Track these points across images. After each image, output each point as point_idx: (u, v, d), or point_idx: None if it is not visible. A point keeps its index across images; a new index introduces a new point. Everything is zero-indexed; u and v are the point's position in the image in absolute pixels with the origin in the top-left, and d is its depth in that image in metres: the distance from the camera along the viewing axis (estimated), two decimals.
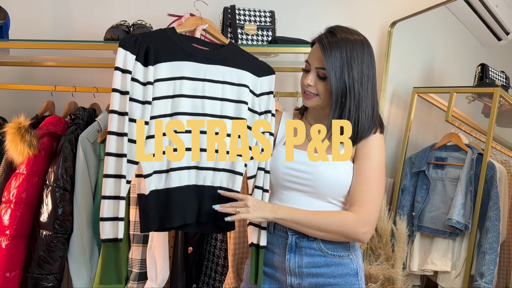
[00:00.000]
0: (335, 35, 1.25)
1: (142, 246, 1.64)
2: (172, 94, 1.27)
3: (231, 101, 1.34)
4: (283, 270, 1.32)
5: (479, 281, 1.88)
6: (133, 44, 1.24)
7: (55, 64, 2.08)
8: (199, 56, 1.31)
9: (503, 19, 2.19)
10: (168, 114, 1.28)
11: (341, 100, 1.25)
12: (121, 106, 1.22)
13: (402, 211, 2.12)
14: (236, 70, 1.35)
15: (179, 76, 1.28)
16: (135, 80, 1.24)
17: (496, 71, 2.12)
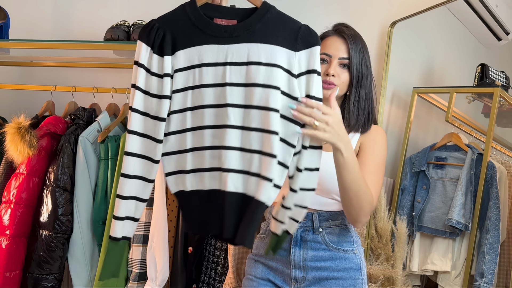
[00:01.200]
0: (350, 28, 1.35)
1: (142, 246, 1.64)
2: (191, 85, 1.11)
3: (258, 85, 1.08)
4: (287, 263, 1.33)
5: (479, 281, 1.88)
6: (148, 33, 1.11)
7: (55, 64, 2.08)
8: (221, 35, 1.10)
9: (503, 19, 2.19)
10: (188, 108, 1.12)
11: (358, 90, 1.32)
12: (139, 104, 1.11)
13: (402, 211, 2.12)
14: (265, 45, 1.09)
15: (198, 63, 1.10)
16: (153, 73, 1.12)
17: (496, 71, 2.12)
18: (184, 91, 1.12)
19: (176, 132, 1.13)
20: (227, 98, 1.08)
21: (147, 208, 1.64)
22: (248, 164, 1.08)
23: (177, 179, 1.14)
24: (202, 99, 1.10)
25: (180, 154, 1.13)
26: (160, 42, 1.11)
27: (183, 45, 1.11)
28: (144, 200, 1.14)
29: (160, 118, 1.11)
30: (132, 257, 1.65)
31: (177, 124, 1.12)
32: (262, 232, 1.43)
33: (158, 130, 1.11)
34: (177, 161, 1.13)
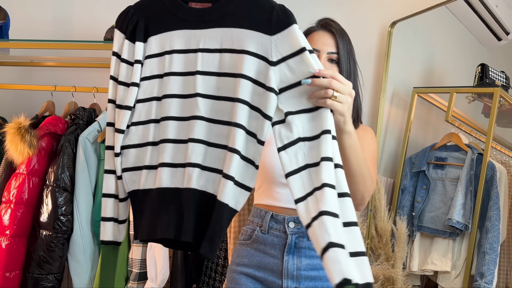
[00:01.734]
0: (336, 23, 1.32)
1: (142, 246, 1.64)
2: (160, 73, 1.02)
3: (229, 75, 0.97)
4: (278, 273, 1.21)
5: (479, 281, 1.88)
6: (122, 20, 1.05)
7: (55, 64, 2.08)
8: (193, 20, 1.00)
9: (503, 19, 2.19)
10: (155, 97, 1.02)
11: None
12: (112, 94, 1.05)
13: (402, 211, 2.12)
14: (238, 30, 0.96)
15: (168, 49, 1.01)
16: (123, 60, 1.05)
17: (496, 71, 2.12)
18: (152, 79, 1.03)
19: (139, 123, 1.03)
20: (197, 87, 0.98)
21: None
22: (214, 160, 0.95)
23: (134, 176, 1.01)
24: (170, 88, 1.00)
25: (140, 148, 1.02)
26: (133, 28, 1.04)
27: (156, 30, 1.03)
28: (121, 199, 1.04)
29: (124, 106, 1.02)
30: (132, 257, 1.65)
31: (140, 114, 1.03)
32: (245, 238, 1.28)
33: (121, 119, 1.01)
34: (136, 155, 1.02)
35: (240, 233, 1.32)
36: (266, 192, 1.28)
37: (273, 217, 1.24)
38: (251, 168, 0.93)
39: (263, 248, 1.23)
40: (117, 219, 1.04)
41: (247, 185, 0.93)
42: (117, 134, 1.02)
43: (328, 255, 0.79)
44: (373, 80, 2.22)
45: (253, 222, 1.28)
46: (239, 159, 0.92)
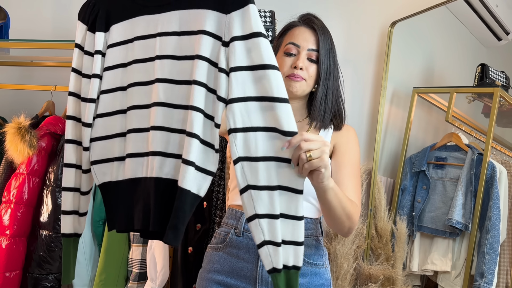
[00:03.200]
0: (319, 20, 1.26)
1: (142, 246, 1.64)
2: (123, 62, 0.99)
3: (187, 58, 0.93)
4: (251, 279, 1.13)
5: (479, 281, 1.88)
6: (84, 12, 1.03)
7: (55, 64, 2.08)
8: (152, 4, 0.97)
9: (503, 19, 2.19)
10: (119, 87, 1.00)
11: (326, 85, 1.21)
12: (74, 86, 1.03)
13: (402, 211, 2.12)
14: (195, 10, 0.92)
15: (130, 37, 0.98)
16: (86, 52, 1.02)
17: (496, 71, 2.12)
18: (115, 68, 1.00)
19: (105, 114, 1.00)
20: (156, 73, 0.94)
21: None
22: (178, 146, 0.91)
23: (103, 169, 0.99)
24: (133, 76, 0.97)
25: (108, 140, 0.99)
26: (94, 19, 1.01)
27: (117, 19, 1.00)
28: (83, 192, 1.03)
29: (88, 99, 1.00)
30: (132, 257, 1.65)
31: (105, 105, 1.00)
32: (217, 242, 1.21)
33: (87, 112, 0.99)
34: (104, 147, 0.99)
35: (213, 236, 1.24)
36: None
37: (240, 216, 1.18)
38: (211, 152, 0.90)
39: (237, 253, 1.16)
40: (78, 211, 1.05)
41: (208, 169, 0.89)
42: (84, 128, 1.00)
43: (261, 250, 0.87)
44: (373, 80, 2.22)
45: (227, 225, 1.21)
46: (198, 144, 0.88)
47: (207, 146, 0.89)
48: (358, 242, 2.01)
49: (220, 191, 1.73)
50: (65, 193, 1.04)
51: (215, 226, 1.73)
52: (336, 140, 1.25)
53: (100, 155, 1.00)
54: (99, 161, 1.00)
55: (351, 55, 2.15)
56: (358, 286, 2.03)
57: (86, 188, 1.04)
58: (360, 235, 2.03)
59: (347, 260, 1.92)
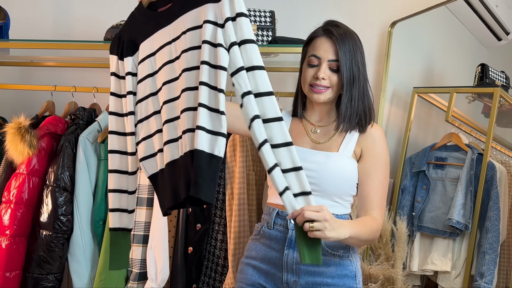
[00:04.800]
0: (339, 27, 1.30)
1: (142, 246, 1.64)
2: (151, 72, 1.19)
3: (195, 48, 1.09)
4: (279, 266, 1.28)
5: (479, 281, 1.88)
6: (113, 45, 1.26)
7: (55, 64, 2.08)
8: (162, 20, 1.16)
9: (503, 19, 2.19)
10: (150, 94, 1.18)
11: (351, 90, 1.28)
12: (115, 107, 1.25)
13: (402, 211, 2.12)
14: (195, 10, 1.10)
15: (151, 52, 1.18)
16: (121, 77, 1.25)
17: (496, 71, 2.12)
18: (144, 79, 1.19)
19: (143, 119, 1.19)
20: (181, 66, 1.10)
21: (147, 208, 1.64)
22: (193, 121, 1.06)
23: (151, 163, 1.18)
24: (161, 79, 1.15)
25: (149, 139, 1.17)
26: (121, 49, 1.23)
27: (139, 41, 1.21)
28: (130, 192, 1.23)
29: (128, 113, 1.20)
30: (132, 257, 1.65)
31: (142, 112, 1.19)
32: (255, 234, 1.38)
33: (129, 124, 1.20)
34: (148, 145, 1.18)
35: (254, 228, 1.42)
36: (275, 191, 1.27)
37: (278, 214, 1.32)
38: (218, 115, 1.04)
39: (269, 243, 1.32)
40: (127, 209, 1.23)
41: (218, 131, 1.03)
42: (129, 137, 1.21)
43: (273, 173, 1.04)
44: (373, 80, 2.22)
45: (263, 219, 1.37)
46: (206, 111, 1.03)
47: (213, 112, 1.04)
48: None
49: (220, 191, 1.73)
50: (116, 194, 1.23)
51: (215, 226, 1.73)
52: (362, 144, 1.31)
53: (145, 153, 1.18)
54: (146, 157, 1.18)
55: None
56: None
57: (132, 189, 1.24)
58: None
59: None
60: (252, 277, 1.32)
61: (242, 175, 1.65)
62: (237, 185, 1.65)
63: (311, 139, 1.35)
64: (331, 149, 1.31)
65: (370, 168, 1.28)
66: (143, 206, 1.64)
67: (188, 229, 1.67)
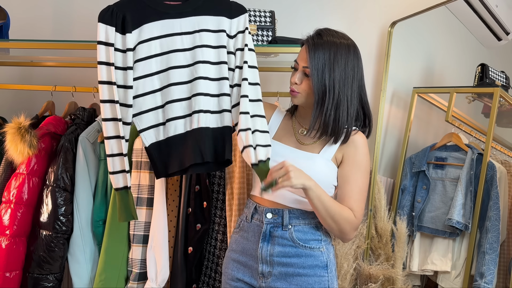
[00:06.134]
0: (322, 37, 1.32)
1: (142, 246, 1.64)
2: (156, 53, 1.37)
3: (211, 47, 1.41)
4: (256, 258, 1.37)
5: (479, 281, 1.88)
6: (110, 16, 1.34)
7: (55, 64, 2.08)
8: (172, 12, 1.39)
9: (503, 19, 2.19)
10: (154, 72, 1.38)
11: (322, 99, 1.31)
12: (108, 76, 1.33)
13: (402, 211, 2.12)
14: (210, 17, 1.42)
15: (157, 35, 1.37)
16: (117, 49, 1.34)
17: (496, 71, 2.12)
18: (148, 59, 1.37)
19: (144, 94, 1.38)
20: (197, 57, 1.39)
21: (147, 208, 1.64)
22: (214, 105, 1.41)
23: (150, 133, 1.39)
24: (167, 63, 1.38)
25: (154, 111, 1.39)
26: (122, 23, 1.34)
27: (141, 22, 1.36)
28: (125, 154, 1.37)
29: (128, 86, 1.35)
30: (132, 257, 1.65)
31: (144, 87, 1.38)
32: (236, 227, 1.47)
33: (127, 96, 1.35)
34: (151, 117, 1.39)
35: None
36: (256, 186, 1.44)
37: (256, 208, 1.41)
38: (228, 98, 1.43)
39: (246, 236, 1.41)
40: (125, 170, 1.37)
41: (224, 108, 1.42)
42: (127, 109, 1.35)
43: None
44: (373, 80, 2.22)
45: (243, 213, 1.47)
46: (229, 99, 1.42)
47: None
48: (358, 242, 2.01)
49: (220, 191, 1.73)
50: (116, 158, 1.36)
51: (215, 226, 1.73)
52: (344, 150, 1.36)
53: (146, 124, 1.38)
54: (146, 129, 1.39)
55: None
56: (358, 286, 2.03)
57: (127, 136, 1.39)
58: (360, 235, 2.03)
59: (347, 260, 1.92)
60: (233, 271, 1.42)
61: (242, 175, 1.65)
62: (237, 185, 1.65)
63: (297, 139, 1.41)
64: (313, 151, 1.37)
65: (349, 173, 1.34)
66: (143, 206, 1.64)
67: (188, 229, 1.67)
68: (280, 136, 1.44)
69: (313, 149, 1.38)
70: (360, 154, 1.35)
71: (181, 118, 1.39)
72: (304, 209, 1.36)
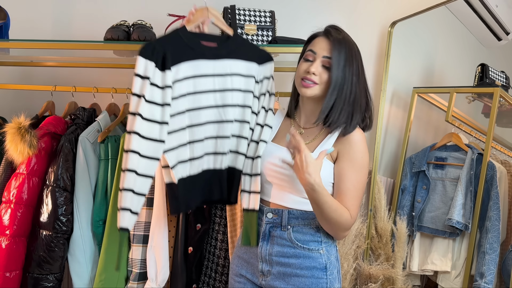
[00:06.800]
0: (340, 32, 1.36)
1: (142, 246, 1.64)
2: (188, 92, 1.39)
3: (240, 91, 1.46)
4: (256, 256, 1.39)
5: (479, 281, 1.88)
6: (151, 52, 1.32)
7: (55, 64, 2.08)
8: (208, 53, 1.42)
9: (503, 19, 2.19)
10: (185, 110, 1.38)
11: (337, 92, 1.32)
12: (137, 107, 1.30)
13: (402, 211, 2.12)
14: (242, 61, 1.47)
15: (192, 75, 1.38)
16: (154, 84, 1.32)
17: (496, 71, 2.12)
18: (183, 97, 1.38)
19: (177, 130, 1.37)
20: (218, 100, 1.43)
21: (147, 208, 1.64)
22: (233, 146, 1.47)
23: (180, 169, 1.38)
24: (199, 102, 1.40)
25: (182, 147, 1.39)
26: (162, 59, 1.33)
27: (180, 60, 1.37)
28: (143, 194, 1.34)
29: (164, 122, 1.32)
30: (132, 257, 1.65)
31: (174, 125, 1.36)
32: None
33: (162, 132, 1.33)
34: (179, 154, 1.38)
35: None
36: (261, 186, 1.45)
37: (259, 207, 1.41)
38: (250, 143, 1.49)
39: None
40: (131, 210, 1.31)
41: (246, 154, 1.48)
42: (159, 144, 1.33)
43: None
44: (373, 80, 2.22)
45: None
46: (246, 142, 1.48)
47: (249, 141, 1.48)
48: (358, 242, 2.01)
49: None
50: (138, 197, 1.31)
51: (215, 226, 1.73)
52: (339, 147, 1.35)
53: (176, 160, 1.38)
54: (175, 165, 1.38)
55: None
56: (358, 286, 2.03)
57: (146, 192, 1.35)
58: (360, 235, 2.03)
59: (347, 260, 1.92)
60: (237, 267, 1.45)
61: None
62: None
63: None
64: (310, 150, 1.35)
65: (343, 170, 1.33)
66: (143, 206, 1.64)
67: (188, 229, 1.67)
68: (278, 139, 1.45)
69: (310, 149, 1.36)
70: (355, 151, 1.34)
71: (207, 156, 1.44)
72: (304, 210, 1.36)
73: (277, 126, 1.48)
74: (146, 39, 1.75)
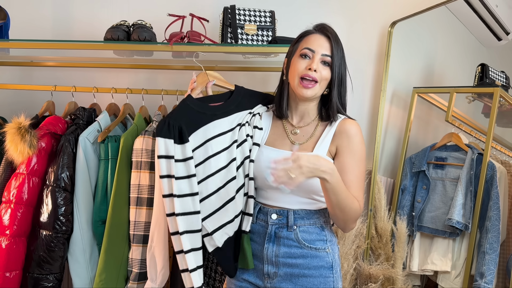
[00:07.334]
0: (332, 29, 1.39)
1: (142, 246, 1.64)
2: (209, 155, 1.40)
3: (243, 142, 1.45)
4: (261, 258, 1.38)
5: (479, 281, 1.88)
6: (167, 130, 1.35)
7: (55, 64, 2.08)
8: (219, 113, 1.46)
9: (503, 19, 2.19)
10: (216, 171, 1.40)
11: (339, 87, 1.37)
12: (170, 189, 1.33)
13: (402, 211, 2.12)
14: (246, 111, 1.51)
15: (209, 137, 1.41)
16: (177, 160, 1.34)
17: (496, 71, 2.12)
18: (204, 162, 1.39)
19: (207, 196, 1.39)
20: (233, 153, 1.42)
21: (147, 208, 1.64)
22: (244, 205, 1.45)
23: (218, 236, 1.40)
24: (217, 164, 1.40)
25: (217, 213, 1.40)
26: (179, 134, 1.36)
27: (196, 127, 1.40)
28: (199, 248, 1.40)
29: (194, 193, 1.35)
30: (132, 257, 1.65)
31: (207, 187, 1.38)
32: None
33: (195, 203, 1.36)
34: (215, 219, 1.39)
35: None
36: (260, 192, 1.44)
37: (260, 209, 1.41)
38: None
39: (252, 236, 1.43)
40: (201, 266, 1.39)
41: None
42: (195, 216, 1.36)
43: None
44: (373, 80, 2.22)
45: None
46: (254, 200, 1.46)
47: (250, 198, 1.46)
48: (358, 242, 2.01)
49: None
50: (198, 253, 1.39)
51: None
52: (337, 142, 1.36)
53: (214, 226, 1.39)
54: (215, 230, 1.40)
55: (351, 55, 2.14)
56: (358, 286, 2.03)
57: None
58: (360, 235, 2.03)
59: (347, 260, 1.92)
60: (238, 272, 1.44)
61: None
62: None
63: (291, 140, 1.42)
64: (307, 149, 1.38)
65: (346, 163, 1.33)
66: (143, 206, 1.64)
67: None
68: (272, 141, 1.43)
69: (307, 148, 1.38)
70: (354, 143, 1.35)
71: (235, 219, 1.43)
72: (309, 210, 1.36)
73: (267, 129, 1.47)
74: (146, 39, 1.75)
